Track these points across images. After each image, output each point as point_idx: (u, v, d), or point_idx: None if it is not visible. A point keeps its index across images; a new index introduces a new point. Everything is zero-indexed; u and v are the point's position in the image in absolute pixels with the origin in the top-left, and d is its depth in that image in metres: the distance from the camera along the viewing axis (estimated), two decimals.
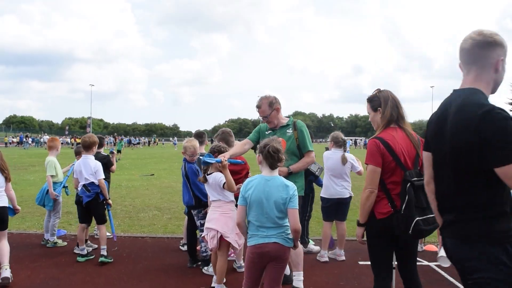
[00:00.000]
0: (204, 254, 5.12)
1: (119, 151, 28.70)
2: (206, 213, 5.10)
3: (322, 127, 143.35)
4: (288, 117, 4.53)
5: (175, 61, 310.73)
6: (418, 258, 5.56)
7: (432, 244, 6.46)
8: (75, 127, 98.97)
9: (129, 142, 58.57)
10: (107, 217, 5.70)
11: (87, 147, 5.59)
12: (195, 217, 5.17)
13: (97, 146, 5.78)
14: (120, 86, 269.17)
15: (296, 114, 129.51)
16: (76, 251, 5.71)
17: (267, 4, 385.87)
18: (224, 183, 4.06)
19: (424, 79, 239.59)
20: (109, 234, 5.99)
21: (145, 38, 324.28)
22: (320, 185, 5.71)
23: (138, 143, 62.37)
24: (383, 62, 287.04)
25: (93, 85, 68.78)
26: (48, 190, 5.92)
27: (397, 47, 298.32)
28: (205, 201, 5.03)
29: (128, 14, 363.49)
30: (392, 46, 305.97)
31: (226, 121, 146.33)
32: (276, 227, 3.08)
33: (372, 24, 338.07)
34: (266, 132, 4.48)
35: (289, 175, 4.14)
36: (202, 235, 4.35)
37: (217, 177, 4.15)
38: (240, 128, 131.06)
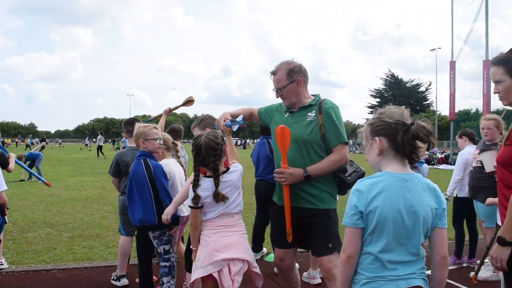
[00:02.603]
0: None
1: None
2: (172, 235, 3.56)
3: None
4: (315, 95, 3.19)
5: (30, 54, 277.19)
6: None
7: None
8: None
9: None
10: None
11: None
12: (154, 241, 3.54)
13: None
14: None
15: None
16: None
17: (134, 0, 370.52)
18: None
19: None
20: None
21: None
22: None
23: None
24: (251, 65, 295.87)
25: None
26: None
27: (263, 52, 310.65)
28: (176, 215, 3.46)
29: None
30: (258, 50, 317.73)
31: (91, 120, 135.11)
32: (415, 260, 1.81)
33: (240, 28, 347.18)
34: (285, 115, 3.16)
35: (305, 181, 2.87)
36: (202, 276, 2.72)
37: (237, 170, 2.87)
38: (107, 128, 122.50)
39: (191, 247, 2.92)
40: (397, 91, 77.49)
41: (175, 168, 3.85)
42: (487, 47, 31.90)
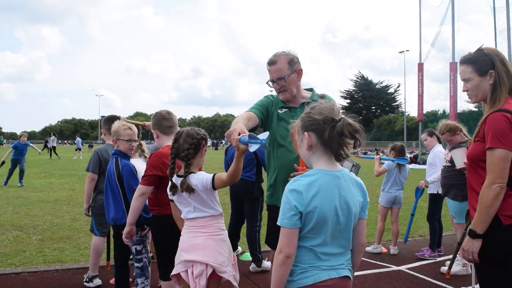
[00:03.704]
0: None
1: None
2: (146, 235, 3.52)
3: None
4: (310, 89, 3.08)
5: None
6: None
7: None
8: None
9: None
10: None
11: None
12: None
13: None
14: None
15: (137, 115, 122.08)
16: None
17: None
18: (212, 181, 2.56)
19: (260, 84, 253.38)
20: None
21: None
22: None
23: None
24: (222, 65, 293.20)
25: None
26: None
27: (234, 52, 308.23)
28: (146, 216, 3.42)
29: None
30: (229, 50, 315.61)
31: (59, 121, 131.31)
32: (345, 252, 1.90)
33: (211, 28, 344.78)
34: (280, 111, 2.97)
35: None
36: (172, 274, 2.72)
37: (200, 177, 2.60)
38: (76, 129, 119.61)
39: None
40: (367, 92, 78.91)
41: (141, 167, 3.75)
42: (453, 50, 32.93)
